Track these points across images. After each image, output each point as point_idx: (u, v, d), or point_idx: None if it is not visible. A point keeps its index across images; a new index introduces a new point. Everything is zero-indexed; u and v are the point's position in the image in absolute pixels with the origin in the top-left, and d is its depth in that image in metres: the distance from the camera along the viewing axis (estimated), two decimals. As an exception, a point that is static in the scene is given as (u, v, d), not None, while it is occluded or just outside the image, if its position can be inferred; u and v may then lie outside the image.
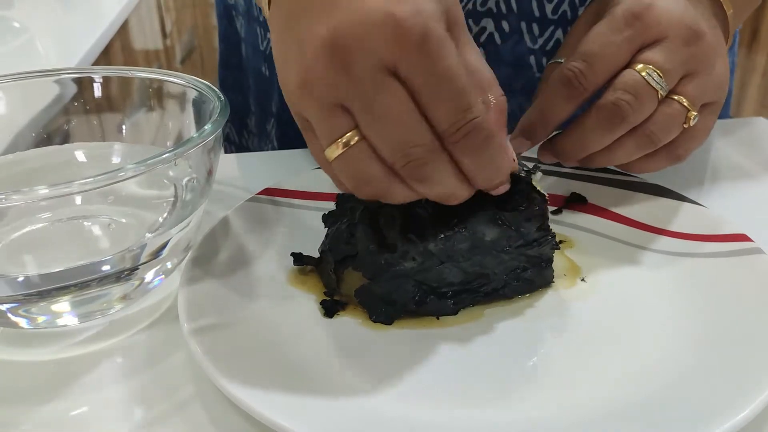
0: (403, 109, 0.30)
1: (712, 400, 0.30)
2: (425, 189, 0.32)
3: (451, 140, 0.31)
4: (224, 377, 0.31)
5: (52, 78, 0.46)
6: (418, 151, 0.31)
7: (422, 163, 0.31)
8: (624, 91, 0.39)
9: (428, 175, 0.32)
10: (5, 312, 0.36)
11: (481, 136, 0.31)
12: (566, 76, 0.40)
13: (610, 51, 0.40)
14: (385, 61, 0.29)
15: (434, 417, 0.31)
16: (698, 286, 0.38)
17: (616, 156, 0.42)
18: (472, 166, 0.32)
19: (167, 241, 0.38)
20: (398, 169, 0.31)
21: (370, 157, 0.31)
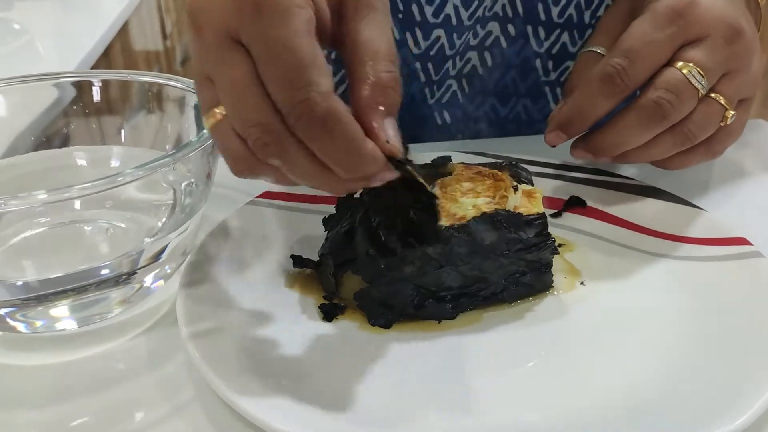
0: (244, 82, 0.28)
1: (712, 403, 0.30)
2: (287, 170, 0.30)
3: (288, 122, 0.28)
4: (223, 381, 0.31)
5: (52, 81, 0.46)
6: (258, 131, 0.29)
7: (265, 143, 0.29)
8: (666, 90, 0.39)
9: (279, 158, 0.29)
10: (4, 317, 0.36)
11: (317, 119, 0.28)
12: (608, 73, 0.39)
13: (653, 49, 0.39)
14: (229, 28, 0.28)
15: (433, 421, 0.31)
16: (698, 289, 0.38)
17: (652, 153, 0.41)
18: (321, 151, 0.29)
19: (166, 245, 0.38)
20: (251, 146, 0.29)
21: (231, 132, 0.30)
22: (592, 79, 0.40)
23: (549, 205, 0.45)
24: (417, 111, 0.58)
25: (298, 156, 0.29)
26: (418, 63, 0.55)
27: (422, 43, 0.54)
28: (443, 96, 0.57)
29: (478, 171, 0.40)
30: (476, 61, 0.56)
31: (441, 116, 0.58)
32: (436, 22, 0.53)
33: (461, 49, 0.55)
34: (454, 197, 0.38)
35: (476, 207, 0.37)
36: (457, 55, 0.55)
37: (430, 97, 0.57)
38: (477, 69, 0.56)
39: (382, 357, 0.35)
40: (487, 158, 0.48)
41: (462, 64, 0.56)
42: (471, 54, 0.55)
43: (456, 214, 0.37)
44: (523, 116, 0.59)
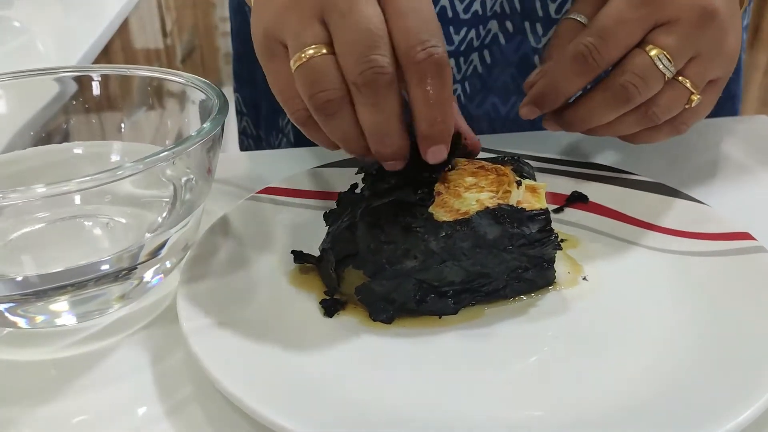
0: (374, 19, 0.32)
1: (716, 399, 0.30)
2: (367, 113, 0.33)
3: (412, 59, 0.32)
4: (223, 377, 0.31)
5: (52, 76, 0.46)
6: (380, 59, 0.32)
7: (378, 71, 0.32)
8: (633, 73, 0.39)
9: (379, 88, 0.32)
10: (3, 312, 0.35)
11: (437, 62, 0.32)
12: (581, 52, 0.40)
13: (625, 29, 0.39)
14: None
15: (434, 416, 0.31)
16: (700, 284, 0.38)
17: (619, 129, 0.42)
18: (420, 96, 0.33)
19: (166, 240, 0.38)
20: (352, 77, 0.33)
21: (330, 66, 0.33)
22: (565, 57, 0.41)
23: (551, 200, 0.45)
24: None
25: (392, 97, 0.33)
26: None
27: None
28: None
29: (481, 166, 0.40)
30: (477, 61, 0.56)
31: None
32: None
33: (464, 49, 0.55)
34: (458, 192, 0.38)
35: (479, 202, 0.37)
36: (461, 56, 0.55)
37: None
38: (477, 68, 0.56)
39: (383, 352, 0.35)
40: (490, 153, 0.48)
41: (466, 67, 0.56)
42: (474, 56, 0.56)
43: (459, 209, 0.36)
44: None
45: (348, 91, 0.33)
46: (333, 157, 0.49)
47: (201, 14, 2.55)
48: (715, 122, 0.61)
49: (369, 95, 0.33)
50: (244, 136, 0.73)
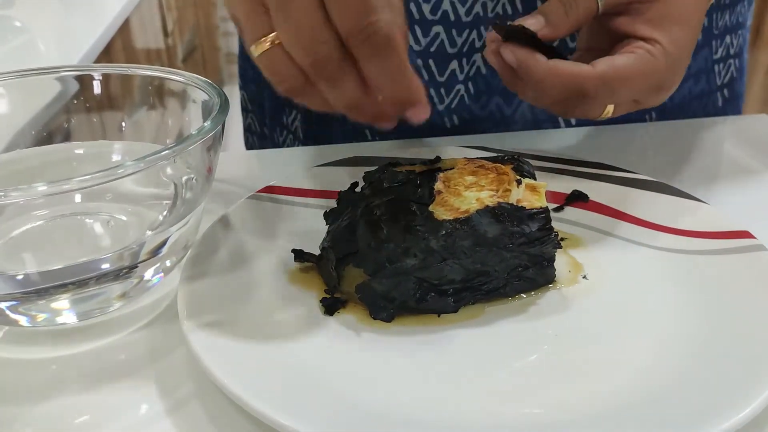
0: (312, 6, 0.32)
1: (716, 397, 0.30)
2: (333, 93, 0.34)
3: (353, 43, 0.32)
4: (223, 375, 0.31)
5: (53, 75, 0.46)
6: (323, 49, 0.32)
7: (325, 63, 0.33)
8: (583, 112, 0.42)
9: (333, 78, 0.33)
10: (4, 310, 0.35)
11: (382, 41, 0.32)
12: (586, 92, 0.40)
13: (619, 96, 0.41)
14: None
15: (435, 415, 0.31)
16: (700, 283, 0.38)
17: (537, 103, 0.44)
18: (375, 72, 0.33)
19: (166, 239, 0.38)
20: (306, 69, 0.33)
21: (284, 57, 0.33)
22: (570, 84, 0.40)
23: (551, 199, 0.45)
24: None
25: (350, 79, 0.33)
26: (420, 60, 0.55)
27: (422, 40, 0.55)
28: (452, 102, 0.58)
29: (481, 165, 0.40)
30: (480, 62, 0.56)
31: (450, 120, 0.59)
32: (434, 19, 0.54)
33: (466, 50, 0.55)
34: (458, 191, 0.38)
35: (479, 200, 0.37)
36: (463, 57, 0.55)
37: (439, 102, 0.57)
38: (480, 69, 0.56)
39: (383, 351, 0.35)
40: (490, 152, 0.48)
41: (469, 68, 0.56)
42: (476, 56, 0.56)
43: (459, 207, 0.37)
44: (528, 115, 0.59)
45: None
46: (333, 156, 0.49)
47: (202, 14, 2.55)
48: (716, 121, 0.61)
49: (325, 82, 0.33)
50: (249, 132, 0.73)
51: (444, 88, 0.57)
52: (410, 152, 0.49)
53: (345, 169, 0.47)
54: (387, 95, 0.34)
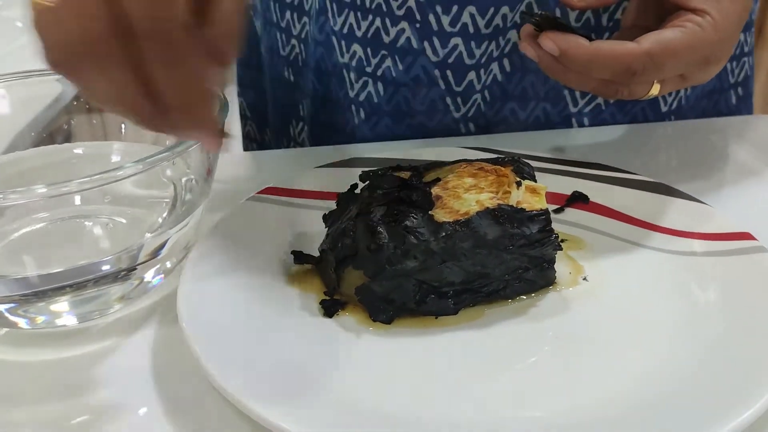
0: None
1: (717, 398, 0.30)
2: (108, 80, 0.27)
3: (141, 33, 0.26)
4: (223, 377, 0.31)
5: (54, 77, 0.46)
6: (96, 26, 0.26)
7: (96, 40, 0.26)
8: (630, 91, 0.41)
9: (121, 57, 0.26)
10: (4, 312, 0.35)
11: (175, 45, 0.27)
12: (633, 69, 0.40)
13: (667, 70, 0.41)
14: None
15: (434, 417, 0.31)
16: (701, 284, 0.38)
17: (581, 88, 0.44)
18: (162, 74, 0.27)
19: (166, 240, 0.38)
20: (95, 35, 0.26)
21: (69, 17, 0.26)
22: (620, 60, 0.40)
23: (551, 200, 0.45)
24: (440, 121, 0.59)
25: (121, 69, 0.27)
26: (437, 70, 0.56)
27: (440, 51, 0.55)
28: (469, 111, 0.58)
29: (481, 167, 0.40)
30: (497, 70, 0.56)
31: (466, 127, 0.59)
32: (453, 31, 0.54)
33: (484, 61, 0.55)
34: (457, 194, 0.38)
35: (479, 203, 0.37)
36: (481, 68, 0.55)
37: (455, 111, 0.58)
38: (497, 77, 0.57)
39: (383, 353, 0.35)
40: (490, 154, 0.48)
41: (486, 77, 0.56)
42: (493, 65, 0.56)
43: (459, 209, 0.36)
44: (542, 119, 0.59)
45: None
46: (333, 158, 0.49)
47: (204, 14, 2.55)
48: (716, 122, 0.61)
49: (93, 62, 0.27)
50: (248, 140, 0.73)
51: (461, 97, 0.57)
52: (411, 153, 0.49)
53: (344, 170, 0.47)
54: (171, 103, 0.28)
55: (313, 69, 0.60)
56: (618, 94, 0.43)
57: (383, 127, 0.58)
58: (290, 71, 0.63)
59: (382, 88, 0.57)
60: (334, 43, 0.57)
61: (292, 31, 0.60)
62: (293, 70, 0.63)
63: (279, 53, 0.63)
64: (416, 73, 0.56)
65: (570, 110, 0.59)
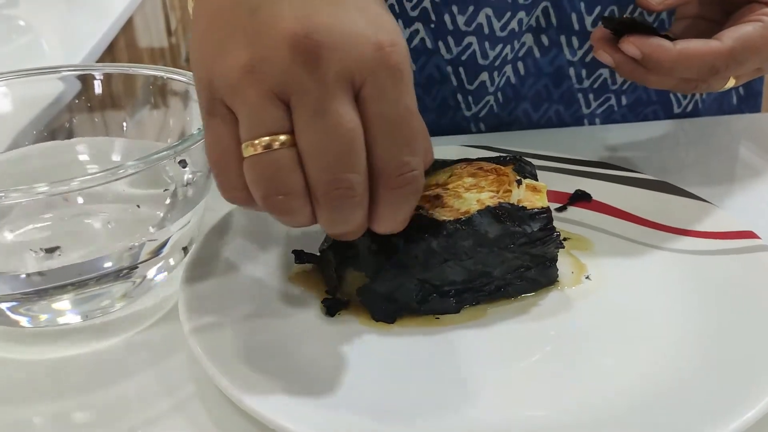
0: (354, 129, 0.28)
1: (720, 398, 0.30)
2: (334, 219, 0.30)
3: (389, 182, 0.29)
4: (225, 376, 0.31)
5: (55, 75, 0.46)
6: (353, 178, 0.28)
7: (349, 194, 0.28)
8: (707, 86, 0.42)
9: (346, 207, 0.29)
10: (6, 311, 0.35)
11: (415, 188, 0.30)
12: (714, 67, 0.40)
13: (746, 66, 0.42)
14: (355, 75, 0.28)
15: (437, 416, 0.31)
16: (705, 283, 0.38)
17: (659, 86, 0.43)
18: (389, 212, 0.30)
19: (168, 239, 0.38)
20: (320, 189, 0.28)
21: (293, 166, 0.28)
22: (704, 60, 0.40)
23: (554, 199, 0.45)
24: (452, 119, 0.59)
25: (363, 208, 0.30)
26: (450, 67, 0.56)
27: (454, 49, 0.55)
28: (481, 111, 0.58)
29: (480, 167, 0.40)
30: (510, 72, 0.56)
31: (477, 126, 0.59)
32: (468, 30, 0.54)
33: (498, 64, 0.55)
34: (458, 193, 0.38)
35: (480, 201, 0.37)
36: (494, 70, 0.55)
37: (466, 109, 0.57)
38: (510, 79, 0.57)
39: (385, 352, 0.35)
40: (491, 152, 0.48)
41: (499, 79, 0.56)
42: (507, 68, 0.56)
43: (460, 208, 0.36)
44: (554, 120, 0.59)
45: (308, 190, 0.29)
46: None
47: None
48: (719, 120, 0.60)
49: (333, 211, 0.29)
50: None
51: (472, 96, 0.57)
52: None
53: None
54: (384, 230, 0.31)
55: None
56: (696, 89, 0.43)
57: None
58: None
59: None
60: None
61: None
62: None
63: None
64: (429, 72, 0.56)
65: (583, 111, 0.59)
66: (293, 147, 0.28)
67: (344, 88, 0.28)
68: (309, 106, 0.28)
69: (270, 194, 0.29)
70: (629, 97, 0.58)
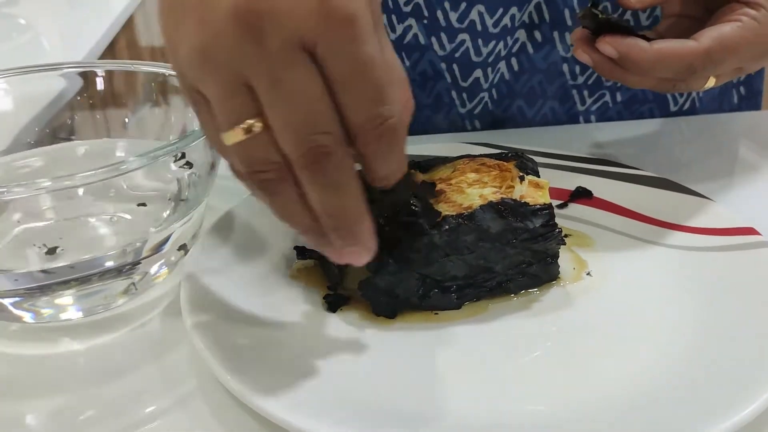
0: (314, 91, 0.27)
1: (721, 394, 0.30)
2: (321, 190, 0.29)
3: (363, 136, 0.28)
4: (227, 371, 0.31)
5: (56, 72, 0.46)
6: (324, 139, 0.27)
7: (325, 153, 0.27)
8: (687, 86, 0.42)
9: (329, 171, 0.28)
10: (9, 306, 0.36)
11: (395, 137, 0.28)
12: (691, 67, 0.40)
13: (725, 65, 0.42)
14: (304, 37, 0.26)
15: (437, 411, 0.31)
16: (705, 279, 0.38)
17: (639, 86, 0.43)
18: (379, 166, 0.29)
19: (170, 235, 0.38)
20: (297, 163, 0.28)
21: (269, 146, 0.28)
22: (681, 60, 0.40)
23: (555, 196, 0.45)
24: (446, 115, 0.59)
25: (347, 167, 0.28)
26: (444, 63, 0.56)
27: (447, 46, 0.55)
28: (476, 108, 0.58)
29: (483, 162, 0.40)
30: (504, 68, 0.56)
31: (471, 124, 0.59)
32: (461, 27, 0.54)
33: (491, 60, 0.55)
34: (461, 188, 0.38)
35: (483, 197, 0.37)
36: (488, 67, 0.55)
37: (461, 106, 0.58)
38: (504, 76, 0.57)
39: (386, 347, 0.35)
40: (493, 149, 0.48)
41: (493, 76, 0.56)
42: (501, 64, 0.56)
43: (462, 203, 0.36)
44: (549, 117, 0.59)
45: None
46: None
47: (206, 11, 2.54)
48: (721, 118, 0.61)
49: (315, 176, 0.28)
50: None
51: (466, 93, 0.57)
52: (414, 150, 0.49)
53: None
54: (377, 183, 0.30)
55: None
56: (675, 89, 0.43)
57: None
58: None
59: None
60: None
61: None
62: None
63: None
64: (423, 68, 0.56)
65: (578, 108, 0.59)
66: (265, 128, 0.28)
67: (295, 53, 0.27)
68: (265, 81, 0.27)
69: (250, 171, 0.29)
70: (624, 94, 0.58)
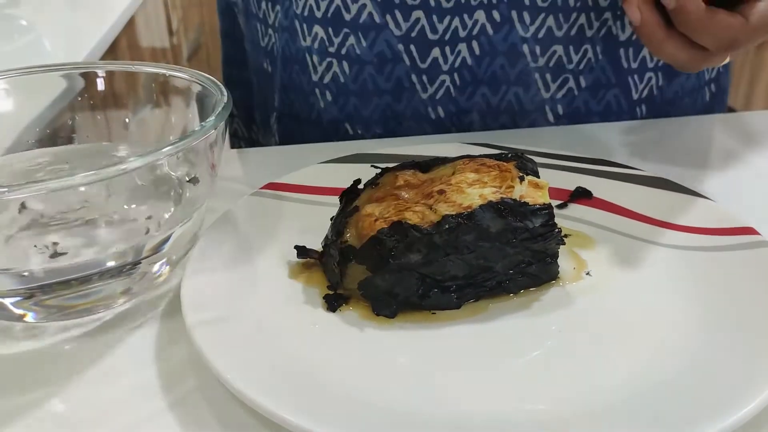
0: None
1: (720, 393, 0.30)
2: None
3: None
4: (227, 371, 0.31)
5: (58, 73, 0.46)
6: None
7: None
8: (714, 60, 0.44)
9: None
10: (9, 306, 0.36)
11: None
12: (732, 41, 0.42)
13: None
14: None
15: (437, 411, 0.31)
16: (704, 279, 0.38)
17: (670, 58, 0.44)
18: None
19: (170, 235, 0.38)
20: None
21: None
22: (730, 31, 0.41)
23: (555, 196, 0.45)
24: (408, 102, 0.58)
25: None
26: (401, 45, 0.56)
27: (403, 25, 0.55)
28: (437, 92, 0.57)
29: (483, 162, 0.40)
30: (465, 52, 0.56)
31: (435, 111, 0.59)
32: (415, 4, 0.54)
33: (448, 38, 0.55)
34: (461, 188, 0.38)
35: (483, 197, 0.37)
36: (446, 45, 0.55)
37: (422, 90, 0.57)
38: (466, 60, 0.56)
39: (386, 347, 0.35)
40: (493, 149, 0.48)
41: (453, 57, 0.56)
42: (461, 46, 0.56)
43: (462, 203, 0.37)
44: (515, 106, 0.58)
45: None
46: (336, 154, 0.49)
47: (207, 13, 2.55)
48: (719, 117, 0.61)
49: None
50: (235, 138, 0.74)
51: (426, 75, 0.57)
52: (413, 150, 0.49)
53: (348, 165, 0.47)
54: None
55: (280, 57, 0.60)
56: (705, 64, 0.43)
57: (351, 107, 0.58)
58: (268, 62, 0.63)
59: (347, 66, 0.57)
60: (297, 27, 0.57)
61: (268, 20, 0.61)
62: (270, 60, 0.63)
63: (259, 45, 0.63)
64: (380, 49, 0.56)
65: (542, 96, 0.58)
66: None
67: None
68: None
69: None
70: (587, 78, 0.58)
